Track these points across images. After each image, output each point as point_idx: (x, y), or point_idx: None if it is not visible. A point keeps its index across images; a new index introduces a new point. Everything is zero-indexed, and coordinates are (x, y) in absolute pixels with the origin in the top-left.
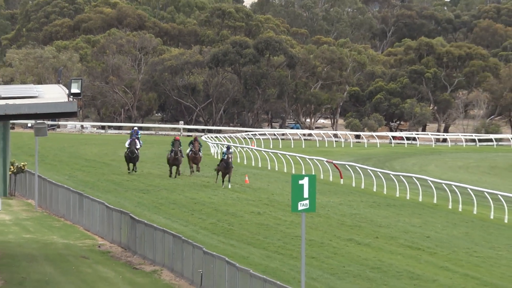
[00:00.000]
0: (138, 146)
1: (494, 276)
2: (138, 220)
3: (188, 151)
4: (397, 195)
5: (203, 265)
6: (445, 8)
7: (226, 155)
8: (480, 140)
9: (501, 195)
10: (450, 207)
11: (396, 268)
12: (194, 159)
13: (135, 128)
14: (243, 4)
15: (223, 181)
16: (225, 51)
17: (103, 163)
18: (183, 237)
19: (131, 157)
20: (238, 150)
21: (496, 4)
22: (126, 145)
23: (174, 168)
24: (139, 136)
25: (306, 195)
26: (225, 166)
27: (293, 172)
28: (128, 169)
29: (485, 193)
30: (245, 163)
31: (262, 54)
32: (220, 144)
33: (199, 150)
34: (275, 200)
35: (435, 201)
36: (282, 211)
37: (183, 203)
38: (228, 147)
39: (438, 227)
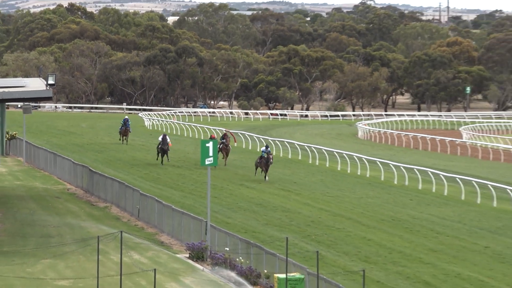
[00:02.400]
0: (169, 141)
1: (340, 209)
2: (94, 171)
3: (219, 144)
4: (274, 154)
5: (140, 202)
6: (307, 24)
7: (265, 153)
8: (331, 116)
9: (345, 153)
10: (310, 162)
11: (273, 204)
12: (225, 150)
13: (126, 117)
14: (167, 21)
15: (262, 175)
16: (155, 55)
17: (70, 132)
18: (125, 183)
19: (164, 150)
20: (164, 123)
21: (341, 22)
22: (160, 138)
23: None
24: (129, 124)
25: (211, 154)
26: (265, 163)
27: (202, 138)
28: (157, 158)
29: (334, 152)
30: (169, 131)
31: (180, 56)
32: (152, 118)
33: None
34: (189, 158)
35: (300, 157)
36: (194, 165)
37: (126, 160)
38: (267, 146)
39: (301, 175)
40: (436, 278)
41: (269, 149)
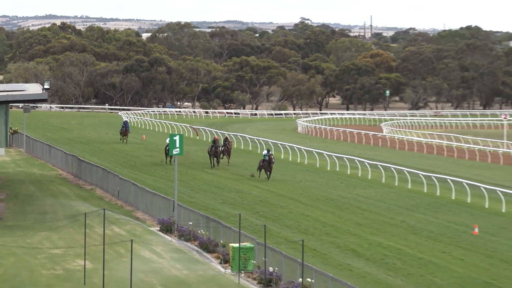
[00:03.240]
0: (221, 145)
1: (283, 190)
2: (82, 160)
3: (222, 146)
4: (250, 151)
5: (119, 185)
6: (256, 39)
7: (267, 156)
8: (275, 114)
9: (287, 145)
10: (258, 152)
11: (228, 186)
12: (227, 151)
13: (126, 120)
14: (142, 37)
15: (266, 176)
16: (131, 64)
17: (62, 128)
18: (108, 169)
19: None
20: (139, 119)
21: (284, 37)
22: (167, 141)
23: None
24: (128, 125)
25: (178, 145)
26: (267, 165)
27: (170, 132)
28: (166, 161)
29: (278, 144)
30: (143, 127)
31: (152, 66)
32: (129, 116)
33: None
34: (160, 149)
35: (250, 148)
36: (164, 155)
37: (108, 151)
38: (268, 150)
39: (252, 163)
40: (361, 246)
41: (270, 152)
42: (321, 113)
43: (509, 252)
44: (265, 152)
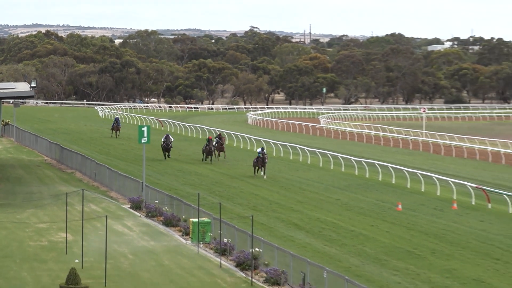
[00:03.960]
0: (172, 140)
1: (235, 173)
2: (64, 147)
3: (214, 143)
4: (189, 135)
5: (96, 169)
6: (212, 44)
7: (261, 154)
8: (229, 108)
9: (239, 135)
10: (241, 146)
11: (188, 170)
12: (220, 148)
13: (117, 117)
14: (115, 43)
15: (261, 172)
16: (106, 66)
17: (47, 120)
18: (86, 156)
19: (167, 148)
20: (113, 113)
21: (236, 43)
22: (162, 139)
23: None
24: (120, 122)
25: (145, 135)
26: (261, 162)
27: (139, 123)
28: (164, 156)
29: (231, 134)
30: (121, 121)
31: (124, 67)
32: (104, 110)
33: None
34: (130, 138)
35: (207, 136)
36: (134, 143)
37: (86, 140)
38: (262, 148)
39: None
40: (302, 221)
41: (264, 150)
42: (267, 108)
43: (427, 225)
44: (259, 150)
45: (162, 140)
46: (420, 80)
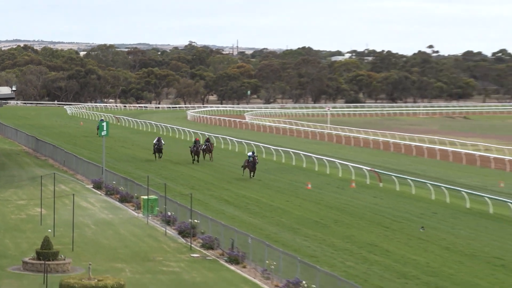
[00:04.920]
0: (163, 143)
1: (178, 160)
2: (39, 139)
3: (204, 146)
4: (140, 129)
5: (64, 156)
6: (159, 56)
7: (251, 157)
8: (172, 107)
9: (181, 128)
10: (160, 133)
11: (140, 157)
12: (208, 150)
13: (102, 118)
14: (80, 54)
15: (252, 174)
16: (73, 73)
17: (25, 118)
18: (56, 145)
19: (159, 149)
20: (78, 111)
21: (178, 54)
22: (154, 142)
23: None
24: (104, 124)
25: (105, 129)
26: (252, 165)
27: (101, 118)
28: (155, 157)
29: (174, 128)
30: (81, 117)
31: (87, 74)
32: (71, 109)
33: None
34: (92, 131)
35: (154, 130)
36: (96, 135)
37: (57, 133)
38: (253, 152)
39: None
40: (231, 197)
41: (255, 154)
42: (203, 106)
43: (331, 200)
44: (250, 153)
45: (154, 142)
46: (325, 84)
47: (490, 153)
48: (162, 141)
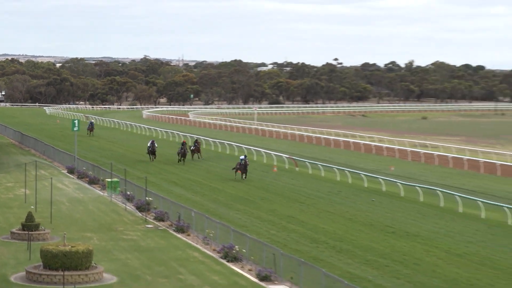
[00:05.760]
0: (156, 146)
1: (139, 151)
2: (25, 134)
3: (192, 146)
4: (105, 125)
5: (44, 147)
6: (120, 67)
7: (243, 160)
8: (131, 108)
9: (139, 125)
10: (123, 129)
11: (108, 149)
12: (197, 150)
13: (92, 121)
14: (57, 66)
15: (244, 176)
16: (51, 81)
17: (12, 117)
18: (39, 139)
19: (153, 151)
20: (56, 111)
21: (135, 66)
22: (148, 144)
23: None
24: (93, 124)
25: (76, 125)
26: (243, 168)
27: (72, 118)
28: (150, 159)
29: (133, 125)
30: (58, 116)
31: (62, 82)
32: (50, 110)
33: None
34: (67, 128)
35: (116, 127)
36: (69, 131)
37: (39, 129)
38: (245, 156)
39: (118, 135)
40: (179, 180)
41: (246, 158)
42: (156, 107)
43: (258, 182)
44: (242, 157)
45: (148, 145)
46: (253, 89)
47: (383, 143)
48: (156, 144)
